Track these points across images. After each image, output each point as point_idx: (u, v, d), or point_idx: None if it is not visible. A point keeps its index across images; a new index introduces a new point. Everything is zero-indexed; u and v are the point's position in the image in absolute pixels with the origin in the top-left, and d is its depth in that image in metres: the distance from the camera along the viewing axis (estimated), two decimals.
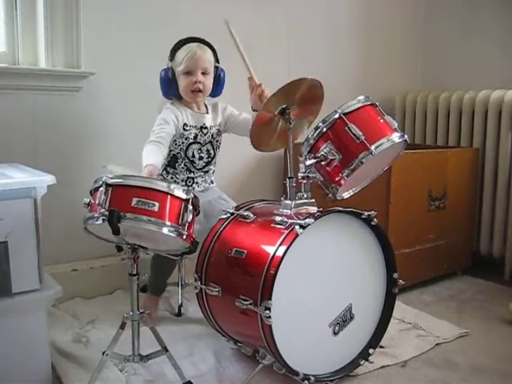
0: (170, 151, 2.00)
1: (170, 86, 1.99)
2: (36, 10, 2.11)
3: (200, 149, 2.03)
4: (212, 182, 2.11)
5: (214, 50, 2.02)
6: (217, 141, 2.08)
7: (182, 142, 2.00)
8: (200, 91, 1.98)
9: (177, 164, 2.03)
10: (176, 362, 1.57)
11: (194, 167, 2.04)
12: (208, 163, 2.06)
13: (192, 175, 2.04)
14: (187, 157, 2.01)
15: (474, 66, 2.94)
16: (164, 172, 2.04)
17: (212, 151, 2.06)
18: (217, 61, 2.03)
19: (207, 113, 2.07)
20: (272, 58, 2.66)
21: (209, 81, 2.00)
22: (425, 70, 3.21)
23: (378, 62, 3.06)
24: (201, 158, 2.03)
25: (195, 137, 2.01)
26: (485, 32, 2.91)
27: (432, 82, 3.14)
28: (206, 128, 2.04)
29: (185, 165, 2.03)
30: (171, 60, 1.98)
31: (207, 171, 2.07)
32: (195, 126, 2.02)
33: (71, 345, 1.82)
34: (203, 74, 1.98)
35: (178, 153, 2.01)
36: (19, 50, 2.13)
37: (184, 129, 1.99)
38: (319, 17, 2.82)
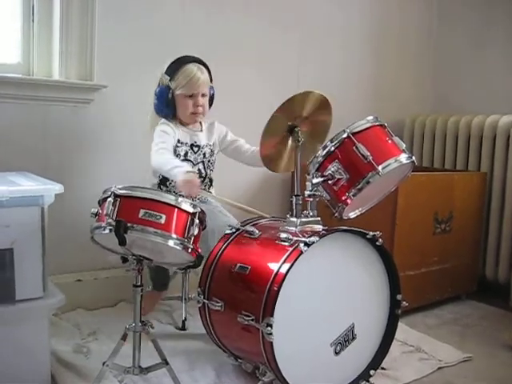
0: None
1: (167, 106, 2.00)
2: (52, 22, 2.14)
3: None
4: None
5: (209, 71, 2.04)
6: (209, 161, 2.07)
7: None
8: (202, 113, 2.02)
9: (168, 182, 2.03)
10: (176, 376, 1.57)
11: None
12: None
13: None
14: None
15: (485, 91, 2.94)
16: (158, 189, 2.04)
17: (203, 171, 2.05)
18: (210, 80, 2.05)
19: (201, 131, 2.08)
20: (283, 72, 2.68)
21: (207, 102, 2.04)
22: (435, 93, 3.22)
23: (389, 84, 3.07)
24: None
25: (185, 154, 2.02)
26: (495, 57, 2.92)
27: (442, 105, 3.15)
28: (197, 146, 2.05)
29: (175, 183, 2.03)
30: (170, 80, 1.98)
31: None
32: (186, 144, 2.03)
33: (72, 355, 1.81)
34: (202, 95, 2.01)
35: None
36: (34, 61, 2.16)
37: (177, 145, 2.01)
38: (332, 36, 2.85)
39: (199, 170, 2.04)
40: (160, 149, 1.89)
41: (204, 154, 2.06)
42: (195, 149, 2.04)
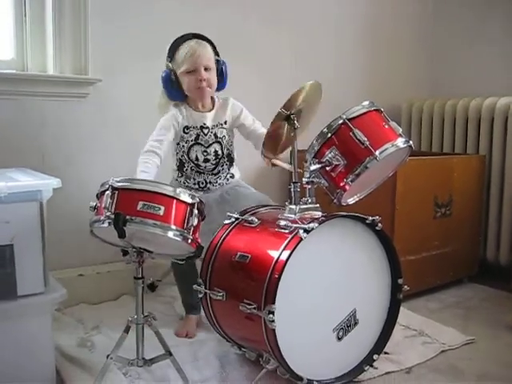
0: (176, 154, 2.02)
1: (173, 88, 1.96)
2: (45, 16, 2.14)
3: (205, 151, 1.99)
4: (232, 177, 2.08)
5: (212, 44, 1.99)
6: (226, 140, 2.03)
7: (183, 145, 1.99)
8: (208, 87, 1.96)
9: (184, 168, 2.02)
10: (180, 367, 1.57)
11: (203, 169, 2.02)
12: (217, 164, 2.03)
13: (203, 178, 2.02)
14: (191, 160, 2.00)
15: (481, 74, 2.94)
16: (177, 176, 2.04)
17: (220, 151, 2.02)
18: (217, 54, 2.00)
19: (211, 109, 2.03)
20: (278, 64, 2.69)
21: (213, 76, 1.97)
22: (431, 77, 3.21)
23: (384, 70, 3.06)
24: (206, 161, 2.00)
25: (196, 137, 1.99)
26: (491, 40, 2.91)
27: (438, 89, 3.14)
28: (206, 128, 2.00)
29: (191, 168, 2.01)
30: (171, 61, 1.95)
31: (218, 172, 2.04)
32: (195, 127, 1.99)
33: (76, 349, 1.82)
34: (206, 69, 1.94)
35: (182, 156, 2.00)
36: (28, 56, 2.16)
37: (184, 131, 1.98)
38: (326, 23, 2.84)
39: (215, 150, 2.01)
40: (146, 151, 1.87)
41: (215, 135, 2.01)
42: (205, 131, 2.00)
